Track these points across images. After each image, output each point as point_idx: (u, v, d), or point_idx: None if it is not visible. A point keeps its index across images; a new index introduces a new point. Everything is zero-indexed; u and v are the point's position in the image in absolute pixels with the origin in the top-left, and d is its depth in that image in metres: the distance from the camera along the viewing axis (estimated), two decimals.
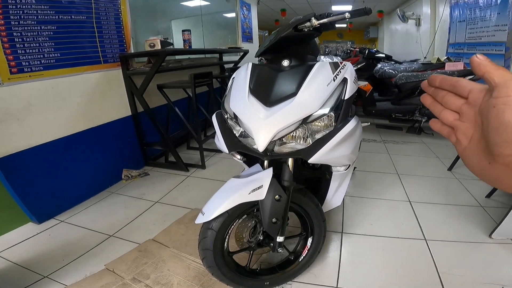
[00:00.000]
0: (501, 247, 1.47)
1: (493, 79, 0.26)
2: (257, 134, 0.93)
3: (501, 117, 0.25)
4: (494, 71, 0.26)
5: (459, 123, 0.32)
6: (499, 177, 0.28)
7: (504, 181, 0.27)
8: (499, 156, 0.26)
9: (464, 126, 0.32)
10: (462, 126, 0.32)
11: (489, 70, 0.27)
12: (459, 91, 0.32)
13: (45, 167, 1.81)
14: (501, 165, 0.27)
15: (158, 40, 2.23)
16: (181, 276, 1.31)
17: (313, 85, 0.97)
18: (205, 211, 0.99)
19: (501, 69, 0.26)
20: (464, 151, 0.32)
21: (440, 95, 0.34)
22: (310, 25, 0.99)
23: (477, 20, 3.48)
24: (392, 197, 2.01)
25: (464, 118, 0.32)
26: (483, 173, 0.30)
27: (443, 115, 0.34)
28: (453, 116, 0.33)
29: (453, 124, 0.33)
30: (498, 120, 0.25)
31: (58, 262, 1.44)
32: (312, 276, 1.31)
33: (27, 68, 1.67)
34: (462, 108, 0.32)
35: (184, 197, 2.07)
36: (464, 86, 0.31)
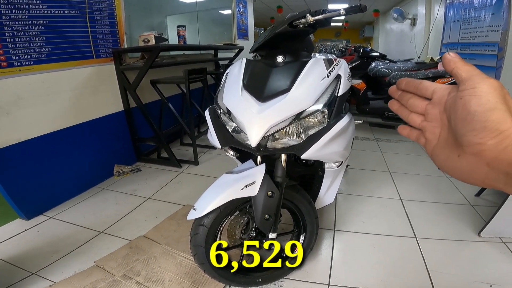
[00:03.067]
0: (489, 245, 1.49)
1: (461, 74, 0.28)
2: (250, 129, 0.93)
3: (467, 107, 0.26)
4: (462, 66, 0.28)
5: (426, 124, 0.34)
6: (470, 168, 0.28)
7: (475, 172, 0.28)
8: (468, 145, 0.27)
9: (431, 126, 0.33)
10: (429, 126, 0.33)
11: (458, 66, 0.28)
12: (423, 92, 0.34)
13: (34, 162, 1.78)
14: (470, 156, 0.27)
15: (152, 35, 2.21)
16: (172, 273, 1.30)
17: (306, 81, 0.97)
18: (197, 207, 0.99)
19: (468, 65, 0.28)
20: (433, 150, 0.33)
21: (405, 98, 0.36)
22: (305, 21, 0.99)
23: (471, 21, 3.51)
24: (384, 195, 2.03)
25: (430, 118, 0.33)
26: (453, 167, 0.30)
27: (411, 118, 0.35)
28: (420, 118, 0.35)
29: (420, 125, 0.34)
30: (465, 110, 0.26)
31: (47, 259, 1.41)
32: (304, 273, 1.31)
33: (17, 62, 1.64)
34: (427, 108, 0.33)
35: (177, 194, 2.06)
36: (427, 87, 0.33)
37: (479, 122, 0.25)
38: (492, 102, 0.25)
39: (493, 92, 0.26)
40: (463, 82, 0.28)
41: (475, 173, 0.28)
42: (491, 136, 0.25)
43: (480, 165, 0.27)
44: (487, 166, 0.26)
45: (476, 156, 0.27)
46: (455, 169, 0.30)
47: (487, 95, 0.26)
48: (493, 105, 0.25)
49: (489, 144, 0.25)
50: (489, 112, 0.25)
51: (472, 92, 0.26)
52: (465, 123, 0.27)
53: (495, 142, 0.25)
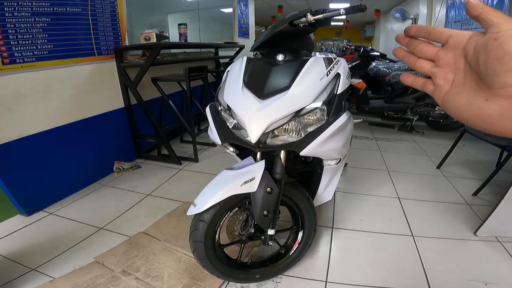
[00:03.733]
0: (485, 244, 1.51)
1: (491, 18, 0.27)
2: (250, 126, 0.94)
3: (505, 47, 0.25)
4: (492, 12, 0.27)
5: (436, 70, 0.32)
6: (501, 112, 0.26)
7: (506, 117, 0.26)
8: (502, 87, 0.26)
9: (443, 71, 0.32)
10: (440, 71, 0.32)
11: (486, 10, 0.27)
12: (436, 37, 0.32)
13: (35, 158, 1.79)
14: (502, 99, 0.26)
15: (153, 33, 2.22)
16: (172, 269, 1.31)
17: (306, 79, 0.98)
18: (196, 203, 1.00)
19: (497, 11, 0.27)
20: (446, 96, 0.32)
21: (414, 44, 0.35)
22: (305, 20, 1.00)
23: (472, 21, 3.51)
24: (382, 193, 2.05)
25: (442, 63, 0.32)
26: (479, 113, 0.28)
27: (419, 65, 0.34)
28: (429, 65, 0.33)
29: (430, 72, 0.33)
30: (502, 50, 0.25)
31: (47, 255, 1.42)
32: (302, 270, 1.33)
33: (19, 59, 1.65)
34: (438, 54, 0.32)
35: (176, 190, 2.07)
36: (442, 31, 0.32)
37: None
38: None
39: None
40: (495, 25, 0.26)
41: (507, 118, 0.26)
42: None
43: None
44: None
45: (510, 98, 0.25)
46: (481, 115, 0.28)
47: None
48: None
49: None
50: None
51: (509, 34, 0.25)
52: (501, 64, 0.25)
53: None
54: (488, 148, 2.76)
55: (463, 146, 2.97)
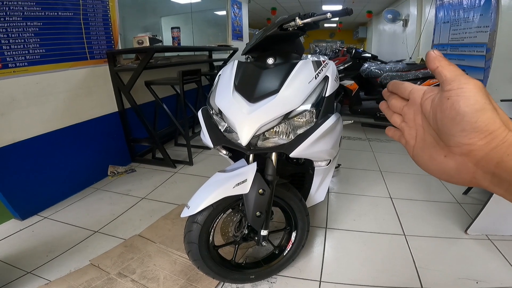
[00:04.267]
0: (476, 242, 1.53)
1: (445, 74, 0.27)
2: (241, 129, 0.96)
3: (456, 107, 0.26)
4: (447, 66, 0.28)
5: (404, 125, 0.34)
6: (457, 168, 0.28)
7: (462, 172, 0.27)
8: (457, 146, 0.27)
9: (407, 126, 0.34)
10: (406, 126, 0.34)
11: (442, 65, 0.28)
12: (402, 93, 0.34)
13: (29, 163, 1.79)
14: (458, 156, 0.27)
15: (146, 37, 2.23)
16: (167, 271, 1.32)
17: (295, 82, 1.01)
18: (190, 205, 1.01)
19: (452, 65, 0.28)
20: (413, 151, 0.33)
21: (389, 99, 0.36)
22: (294, 24, 1.03)
23: (461, 22, 3.57)
24: (374, 193, 2.08)
25: (406, 119, 0.34)
26: (440, 168, 0.29)
27: (393, 119, 0.36)
28: (400, 119, 0.35)
29: (400, 126, 0.35)
30: (454, 111, 0.26)
31: (42, 258, 1.43)
32: (296, 270, 1.34)
33: (11, 63, 1.65)
34: (403, 109, 0.34)
35: (171, 193, 2.08)
36: (406, 87, 0.33)
37: (469, 123, 0.25)
38: (481, 102, 0.25)
39: (479, 92, 0.26)
40: (447, 82, 0.27)
41: (463, 172, 0.27)
42: (481, 137, 0.25)
43: (468, 165, 0.27)
44: (475, 166, 0.26)
45: (465, 156, 0.27)
46: (441, 170, 0.29)
47: (475, 96, 0.25)
48: (482, 106, 0.25)
49: (478, 145, 0.25)
50: (479, 113, 0.25)
51: (459, 93, 0.26)
52: (454, 124, 0.26)
53: (484, 142, 0.25)
54: None
55: None
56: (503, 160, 0.24)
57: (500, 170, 0.25)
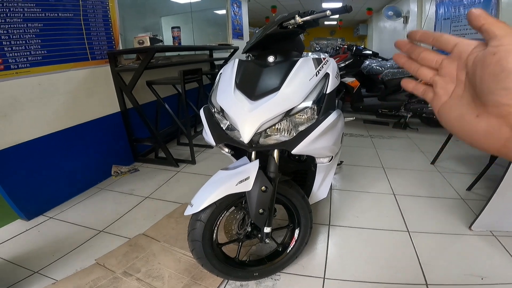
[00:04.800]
0: (480, 238, 1.52)
1: (493, 30, 0.25)
2: (242, 126, 0.97)
3: (502, 63, 0.23)
4: (495, 22, 0.25)
5: (438, 78, 0.31)
6: (489, 131, 0.26)
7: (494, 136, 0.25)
8: (494, 105, 0.24)
9: (444, 81, 0.31)
10: (442, 81, 0.31)
11: (489, 21, 0.25)
12: (442, 45, 0.31)
13: (33, 164, 1.80)
14: (492, 117, 0.25)
15: (147, 37, 2.24)
16: (172, 269, 1.33)
17: (296, 79, 1.01)
18: (193, 203, 1.02)
19: (501, 22, 0.25)
20: (443, 106, 0.31)
21: (417, 51, 0.33)
22: (294, 22, 1.03)
23: (461, 18, 3.56)
24: (377, 190, 2.07)
25: (444, 73, 0.31)
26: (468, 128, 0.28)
27: (421, 72, 0.33)
28: (432, 73, 0.32)
29: (432, 80, 0.32)
30: (499, 67, 0.24)
31: (48, 258, 1.44)
32: (300, 267, 1.34)
33: (13, 65, 1.66)
34: (443, 63, 0.31)
35: (175, 192, 2.08)
36: (449, 39, 0.30)
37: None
38: None
39: None
40: (497, 38, 0.25)
41: (494, 137, 0.25)
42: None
43: (502, 129, 0.24)
44: (511, 130, 0.24)
45: (502, 118, 0.24)
46: (469, 131, 0.27)
47: None
48: None
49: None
50: None
51: (509, 49, 0.23)
52: (497, 81, 0.24)
53: None
54: None
55: (457, 141, 3.00)
56: None
57: None
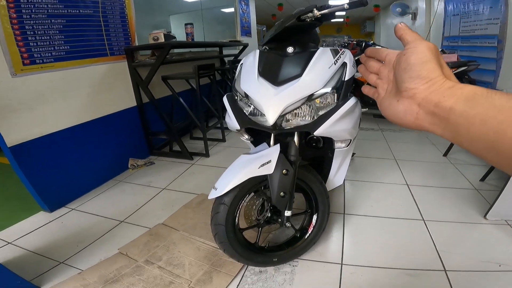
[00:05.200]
0: (495, 227, 1.53)
1: (406, 38, 0.35)
2: (268, 109, 1.01)
3: (408, 60, 0.34)
4: (409, 32, 0.35)
5: (379, 81, 0.42)
6: (405, 110, 0.35)
7: (408, 113, 0.34)
8: (405, 90, 0.34)
9: (382, 82, 0.42)
10: (380, 82, 0.42)
11: (406, 32, 0.36)
12: (379, 56, 0.42)
13: (56, 156, 1.86)
14: (406, 99, 0.34)
15: (161, 33, 2.29)
16: (192, 257, 1.36)
17: (316, 67, 1.05)
18: (217, 186, 1.06)
19: (414, 33, 0.35)
20: (381, 101, 0.40)
21: (367, 62, 0.44)
22: (312, 15, 1.06)
23: (471, 14, 3.54)
24: (390, 180, 2.09)
25: (381, 76, 0.42)
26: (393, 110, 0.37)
27: (370, 78, 0.44)
28: (375, 77, 0.43)
29: (375, 83, 0.43)
30: (406, 62, 0.34)
31: (73, 248, 1.47)
32: (317, 254, 1.37)
33: (38, 60, 1.72)
34: (380, 69, 0.42)
35: (190, 184, 2.13)
36: (382, 52, 0.41)
37: (415, 71, 0.33)
38: (427, 57, 0.33)
39: (428, 50, 0.33)
40: (408, 43, 0.35)
41: (408, 113, 0.34)
42: (423, 82, 0.32)
43: (412, 106, 0.34)
44: (418, 106, 0.33)
45: (411, 98, 0.34)
46: (394, 112, 0.37)
47: (424, 52, 0.33)
48: (427, 59, 0.33)
49: (421, 88, 0.32)
50: (424, 64, 0.33)
51: (413, 50, 0.34)
52: (405, 72, 0.34)
53: (425, 87, 0.32)
54: None
55: None
56: (440, 101, 0.30)
57: (438, 109, 0.31)
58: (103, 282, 1.23)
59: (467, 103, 0.28)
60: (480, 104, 0.27)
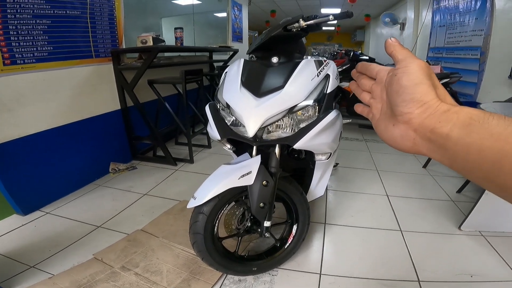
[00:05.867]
0: (469, 238, 1.58)
1: (397, 56, 0.33)
2: (248, 121, 1.02)
3: (400, 82, 0.31)
4: (400, 50, 0.33)
5: (372, 101, 0.39)
6: (401, 135, 0.32)
7: (405, 138, 0.32)
8: (400, 115, 0.32)
9: (375, 102, 0.38)
10: (374, 102, 0.39)
11: (396, 49, 0.33)
12: (370, 73, 0.39)
13: (32, 158, 1.80)
14: (402, 124, 0.32)
15: (150, 36, 2.27)
16: (170, 264, 1.34)
17: (299, 79, 1.06)
18: (197, 196, 1.05)
19: (405, 49, 0.33)
20: (376, 123, 0.38)
21: (359, 79, 0.41)
22: (298, 25, 1.08)
23: (456, 25, 3.65)
24: (371, 191, 2.13)
25: (374, 95, 0.39)
26: (390, 135, 0.34)
27: (362, 96, 0.41)
28: (369, 96, 0.40)
29: (368, 102, 0.40)
30: (398, 85, 0.32)
31: (45, 253, 1.42)
32: (297, 264, 1.38)
33: (20, 60, 1.68)
34: (372, 87, 0.39)
35: (173, 190, 2.10)
36: (373, 68, 0.38)
37: (408, 94, 0.31)
38: (419, 78, 0.30)
39: (420, 70, 0.31)
40: (398, 62, 0.33)
41: (405, 139, 0.32)
42: (417, 106, 0.30)
43: (409, 131, 0.31)
44: (414, 132, 0.31)
45: (406, 123, 0.31)
46: (390, 137, 0.34)
47: (416, 73, 0.31)
48: (420, 81, 0.30)
49: (415, 113, 0.30)
50: (416, 86, 0.30)
51: (404, 70, 0.31)
52: (398, 95, 0.32)
53: (420, 111, 0.30)
54: None
55: None
56: (436, 127, 0.28)
57: (435, 136, 0.29)
58: (75, 287, 1.20)
59: (463, 130, 0.26)
60: (476, 131, 0.25)
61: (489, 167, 0.24)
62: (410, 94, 0.30)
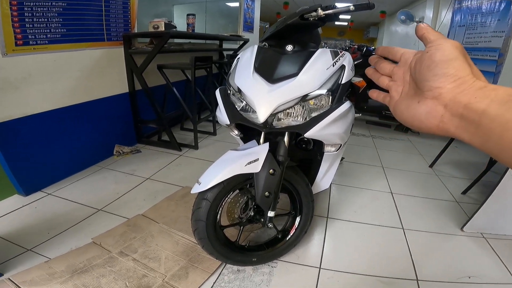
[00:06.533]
0: (470, 240, 1.57)
1: (429, 37, 0.32)
2: (259, 106, 0.99)
3: (433, 57, 0.30)
4: (431, 31, 0.33)
5: (392, 83, 0.39)
6: (427, 112, 0.31)
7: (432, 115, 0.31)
8: (429, 90, 0.31)
9: (396, 84, 0.38)
10: (394, 84, 0.39)
11: (428, 31, 0.33)
12: (393, 56, 0.39)
13: (37, 138, 1.78)
14: (429, 100, 0.31)
15: (162, 22, 2.24)
16: (169, 251, 1.33)
17: (313, 67, 1.03)
18: (201, 181, 1.03)
19: (437, 32, 0.33)
20: (395, 104, 0.37)
21: (378, 63, 0.41)
22: (315, 14, 1.03)
23: (477, 26, 3.54)
24: (376, 188, 2.10)
25: (395, 78, 0.39)
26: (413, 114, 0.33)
27: (381, 80, 0.41)
28: (388, 79, 0.40)
29: (387, 85, 0.40)
30: (430, 60, 0.31)
31: (43, 235, 1.40)
32: (297, 257, 1.36)
33: (32, 41, 1.66)
34: (393, 70, 0.39)
35: (176, 175, 2.09)
36: (397, 51, 0.39)
37: (441, 69, 0.30)
38: (454, 54, 0.30)
39: (455, 48, 0.30)
40: (431, 41, 0.32)
41: (431, 116, 0.31)
42: (450, 80, 0.29)
43: (437, 107, 0.30)
44: (444, 108, 0.30)
45: (435, 99, 0.30)
46: (413, 115, 0.33)
47: (450, 49, 0.30)
48: (455, 56, 0.29)
49: (447, 88, 0.29)
50: (451, 61, 0.29)
51: (438, 47, 0.31)
52: (429, 70, 0.31)
53: (453, 86, 0.29)
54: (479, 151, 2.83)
55: (456, 148, 3.04)
56: (471, 102, 0.27)
57: (468, 111, 0.27)
58: (71, 271, 1.18)
59: (502, 106, 0.25)
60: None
61: None
62: (444, 68, 0.29)
